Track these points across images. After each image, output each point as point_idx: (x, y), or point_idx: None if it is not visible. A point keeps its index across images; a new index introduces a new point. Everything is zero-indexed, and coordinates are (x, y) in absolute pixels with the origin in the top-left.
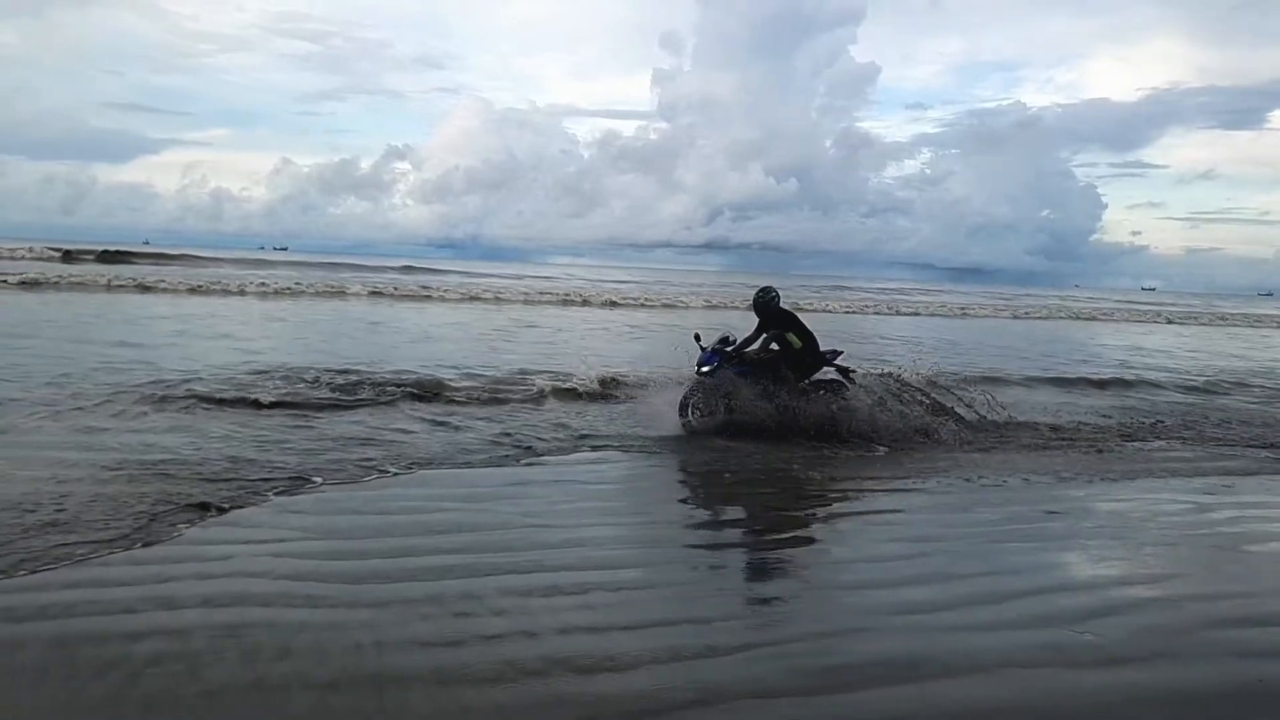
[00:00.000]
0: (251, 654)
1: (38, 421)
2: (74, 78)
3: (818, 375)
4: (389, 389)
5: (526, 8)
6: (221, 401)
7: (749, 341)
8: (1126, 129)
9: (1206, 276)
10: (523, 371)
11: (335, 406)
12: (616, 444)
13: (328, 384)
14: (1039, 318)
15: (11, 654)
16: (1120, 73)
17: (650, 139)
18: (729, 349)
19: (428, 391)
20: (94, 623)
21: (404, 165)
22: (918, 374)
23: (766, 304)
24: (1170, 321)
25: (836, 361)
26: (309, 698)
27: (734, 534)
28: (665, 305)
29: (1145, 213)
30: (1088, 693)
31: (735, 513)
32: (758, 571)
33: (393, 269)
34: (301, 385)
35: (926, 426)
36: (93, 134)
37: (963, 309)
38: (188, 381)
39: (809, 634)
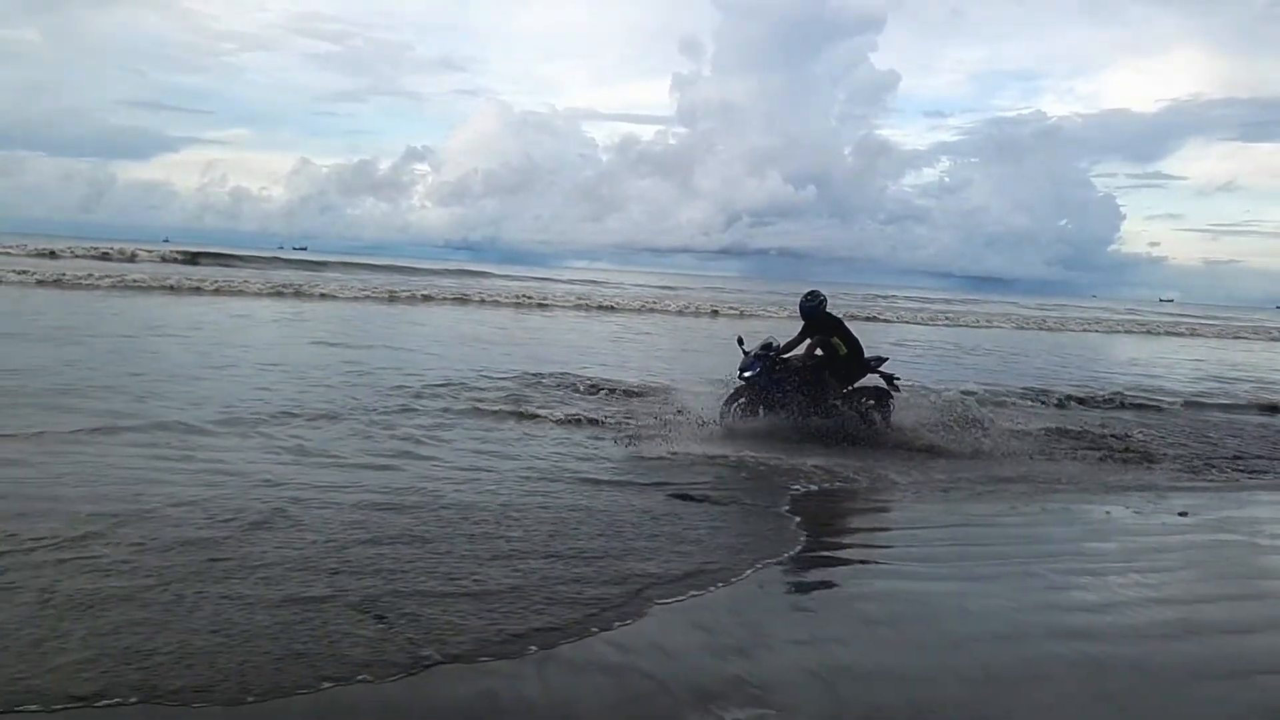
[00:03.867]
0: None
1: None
2: (95, 76)
3: (861, 382)
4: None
5: (548, 12)
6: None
7: (792, 346)
8: (1146, 140)
9: (1224, 289)
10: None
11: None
12: None
13: (592, 391)
14: (1098, 330)
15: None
16: (1140, 83)
17: (669, 144)
18: (772, 353)
19: None
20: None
21: (423, 167)
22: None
23: (814, 309)
24: (1236, 337)
25: (881, 369)
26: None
27: None
28: (745, 314)
29: (1164, 224)
30: None
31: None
32: None
33: (450, 273)
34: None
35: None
36: (113, 131)
37: (1021, 320)
38: (467, 389)
39: None
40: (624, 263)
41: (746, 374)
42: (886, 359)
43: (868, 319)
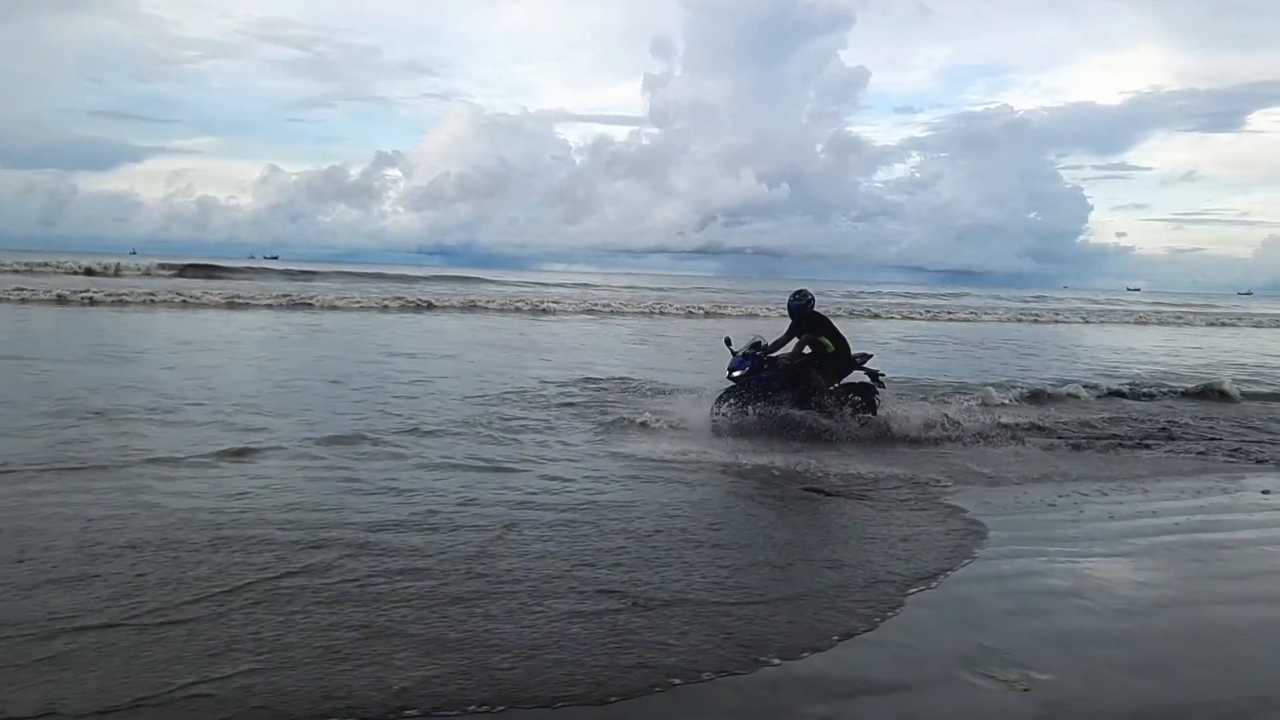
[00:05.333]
0: None
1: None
2: (54, 85)
3: (847, 379)
4: None
5: (518, 14)
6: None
7: (780, 344)
8: (1111, 132)
9: (1189, 276)
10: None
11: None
12: None
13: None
14: (1093, 322)
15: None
16: (1104, 77)
17: (642, 144)
18: (759, 353)
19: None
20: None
21: (394, 172)
22: None
23: (802, 307)
24: (1223, 324)
25: (866, 365)
26: None
27: None
28: (750, 314)
29: (1130, 214)
30: None
31: None
32: None
33: (441, 279)
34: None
35: None
36: (74, 142)
37: (1018, 312)
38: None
39: None
40: (601, 264)
41: (735, 373)
42: (871, 355)
43: (872, 317)
